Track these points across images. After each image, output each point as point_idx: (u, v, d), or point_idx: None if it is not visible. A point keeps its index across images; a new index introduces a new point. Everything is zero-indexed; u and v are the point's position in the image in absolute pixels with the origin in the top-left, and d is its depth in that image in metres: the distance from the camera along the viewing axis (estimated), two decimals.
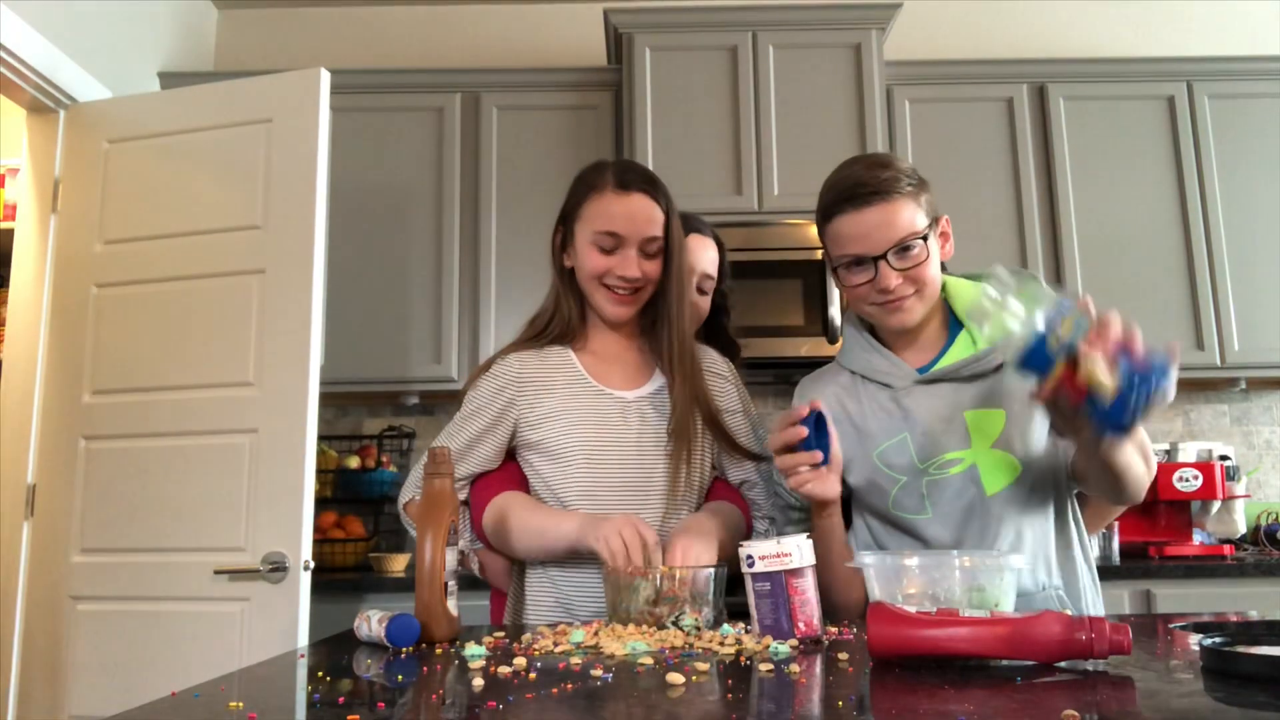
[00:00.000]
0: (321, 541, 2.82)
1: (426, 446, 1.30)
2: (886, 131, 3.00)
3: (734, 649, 1.02)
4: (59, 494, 2.41)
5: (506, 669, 0.93)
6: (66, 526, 2.38)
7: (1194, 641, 1.02)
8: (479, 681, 0.87)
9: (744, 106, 2.99)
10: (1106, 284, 2.99)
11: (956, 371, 1.34)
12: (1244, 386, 3.15)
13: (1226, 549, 2.79)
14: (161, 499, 2.32)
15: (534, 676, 0.89)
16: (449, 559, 1.17)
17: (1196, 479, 2.78)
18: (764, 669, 0.91)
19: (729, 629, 1.13)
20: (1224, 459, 2.88)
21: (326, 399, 2.78)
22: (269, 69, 2.77)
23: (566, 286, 1.53)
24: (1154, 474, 1.40)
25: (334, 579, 2.63)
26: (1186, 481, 2.77)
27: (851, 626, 1.19)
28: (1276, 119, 3.09)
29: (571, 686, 0.85)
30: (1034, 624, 0.87)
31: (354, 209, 3.01)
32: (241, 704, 0.79)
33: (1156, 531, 2.86)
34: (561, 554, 1.40)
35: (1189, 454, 2.88)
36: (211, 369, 2.35)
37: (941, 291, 1.40)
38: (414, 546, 1.38)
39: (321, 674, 0.96)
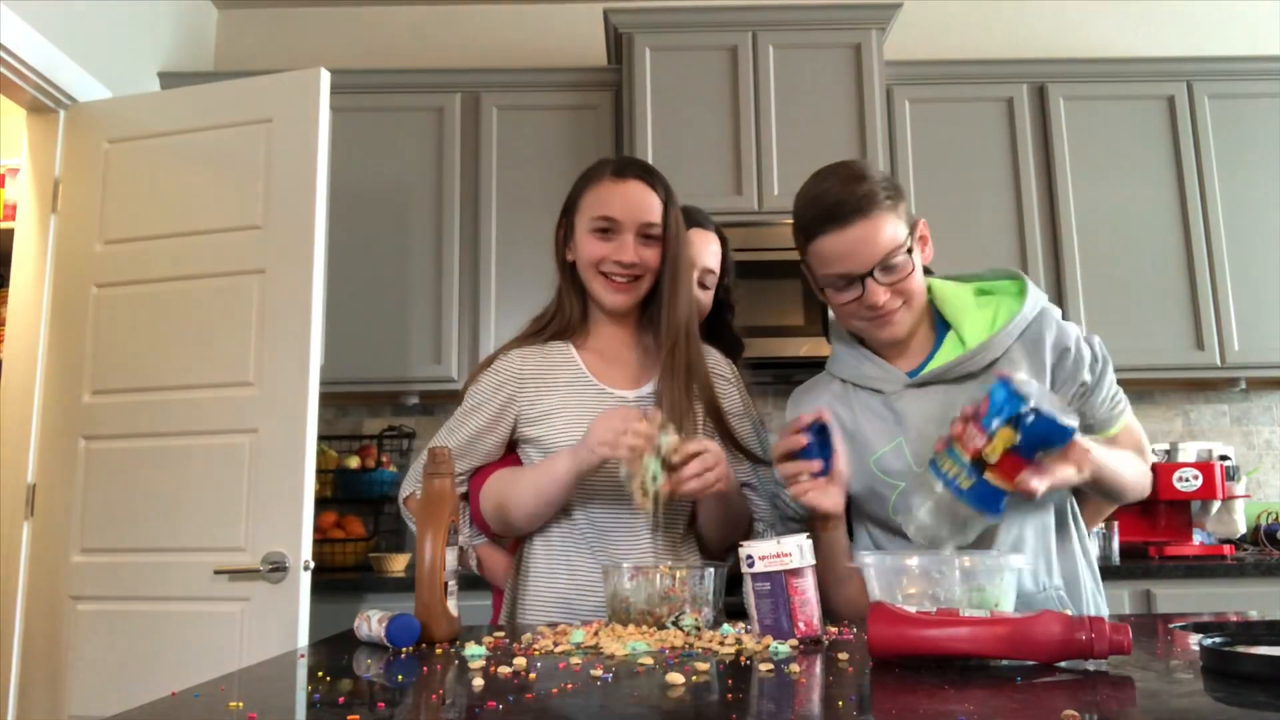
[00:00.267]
0: (321, 541, 2.82)
1: (426, 446, 1.30)
2: (886, 131, 3.00)
3: (734, 649, 1.02)
4: (59, 494, 2.41)
5: (506, 669, 0.93)
6: (66, 526, 2.38)
7: (1194, 641, 1.02)
8: (479, 681, 0.87)
9: (744, 106, 2.99)
10: (1106, 284, 2.99)
11: (946, 373, 1.34)
12: (1244, 386, 3.15)
13: (1226, 549, 2.79)
14: (161, 499, 2.32)
15: (534, 676, 0.89)
16: (449, 559, 1.17)
17: (1196, 479, 2.77)
18: (764, 669, 0.91)
19: (729, 629, 1.13)
20: (1224, 459, 2.88)
21: (326, 399, 2.78)
22: (269, 69, 2.77)
23: (569, 281, 1.54)
24: (1149, 468, 1.41)
25: (334, 579, 2.63)
26: (1186, 481, 2.77)
27: (851, 626, 1.19)
28: (1276, 119, 3.09)
29: (571, 686, 0.85)
30: (1034, 624, 0.87)
31: (354, 209, 3.01)
32: (241, 704, 0.79)
33: (1156, 531, 2.86)
34: (566, 496, 1.39)
35: (1189, 454, 2.88)
36: (211, 369, 2.35)
37: (927, 294, 1.40)
38: (414, 546, 1.38)
39: (321, 674, 0.96)
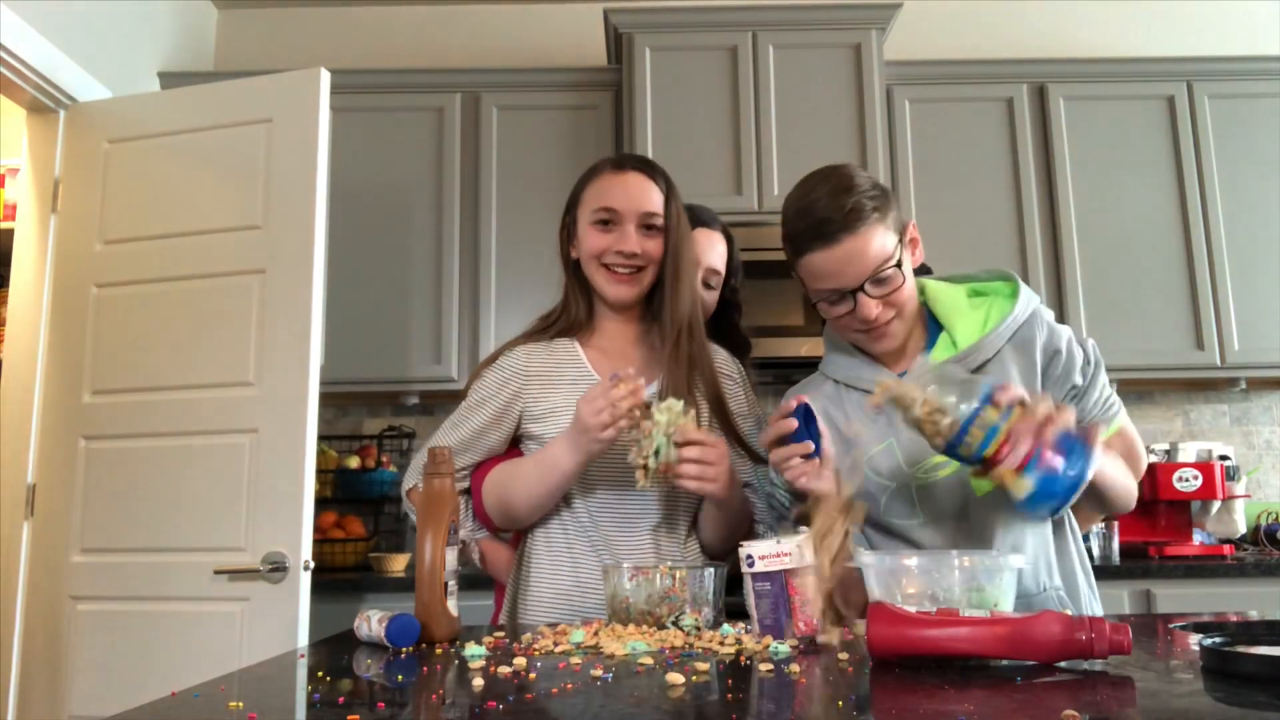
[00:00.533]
0: (321, 541, 2.82)
1: (424, 446, 1.30)
2: (886, 131, 3.00)
3: (734, 649, 1.02)
4: (59, 494, 2.41)
5: (506, 669, 0.93)
6: (66, 526, 2.38)
7: (1194, 641, 1.02)
8: (479, 681, 0.87)
9: (744, 106, 2.99)
10: (1106, 284, 2.99)
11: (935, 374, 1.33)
12: (1244, 386, 3.15)
13: (1226, 549, 2.79)
14: (161, 499, 2.32)
15: (534, 676, 0.89)
16: (449, 559, 1.17)
17: (1196, 479, 2.77)
18: (764, 669, 0.91)
19: (729, 629, 1.13)
20: (1224, 459, 2.88)
21: (326, 399, 2.78)
22: (269, 69, 2.76)
23: (574, 278, 1.54)
24: (1136, 483, 1.40)
25: (334, 579, 2.63)
26: (1186, 481, 2.77)
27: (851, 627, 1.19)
28: (1276, 119, 3.09)
29: (571, 686, 0.85)
30: (1034, 624, 0.87)
31: (354, 209, 3.01)
32: (241, 704, 0.79)
33: (1156, 531, 2.86)
34: (569, 486, 1.41)
35: (1189, 454, 2.88)
36: (211, 369, 2.35)
37: (920, 295, 1.40)
38: (414, 546, 1.38)
39: (321, 674, 0.96)
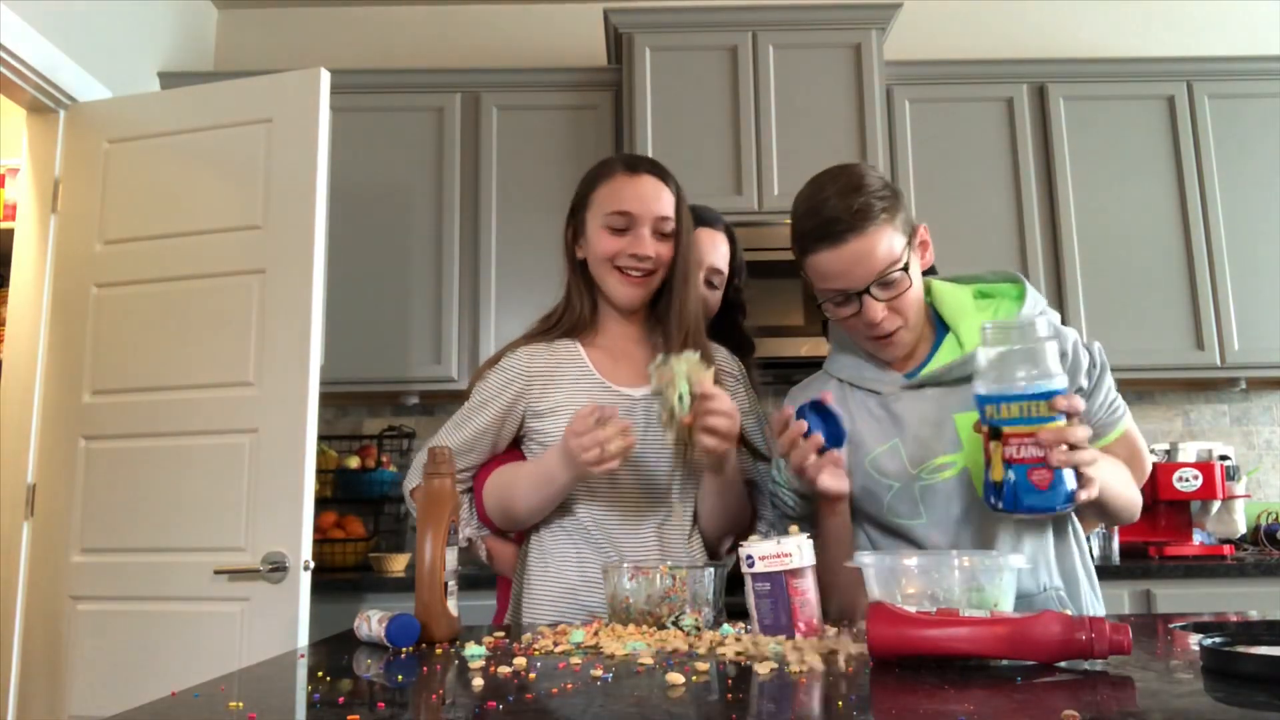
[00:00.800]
0: (321, 541, 2.82)
1: (425, 445, 1.30)
2: (886, 131, 3.00)
3: (734, 649, 1.02)
4: (59, 494, 2.41)
5: (506, 669, 0.93)
6: (66, 526, 2.38)
7: (1194, 641, 1.02)
8: (479, 681, 0.87)
9: (744, 106, 2.99)
10: (1106, 284, 2.99)
11: (944, 375, 1.33)
12: (1244, 386, 3.15)
13: (1226, 549, 2.79)
14: (161, 499, 2.32)
15: (534, 676, 0.89)
16: (449, 559, 1.17)
17: (1196, 479, 2.77)
18: (764, 669, 0.91)
19: (729, 629, 1.13)
20: (1224, 459, 2.88)
21: (326, 399, 2.78)
22: (269, 69, 2.76)
23: (578, 279, 1.54)
24: (1144, 480, 1.40)
25: (334, 579, 2.63)
26: (1186, 481, 2.77)
27: (852, 627, 1.19)
28: (1276, 119, 3.09)
29: (571, 686, 0.85)
30: (1034, 624, 0.87)
31: (354, 209, 3.01)
32: (241, 704, 0.79)
33: (1156, 531, 2.86)
34: (565, 495, 1.42)
35: (1189, 454, 2.88)
36: (211, 369, 2.35)
37: (926, 295, 1.39)
38: (414, 546, 1.38)
39: (321, 674, 0.96)
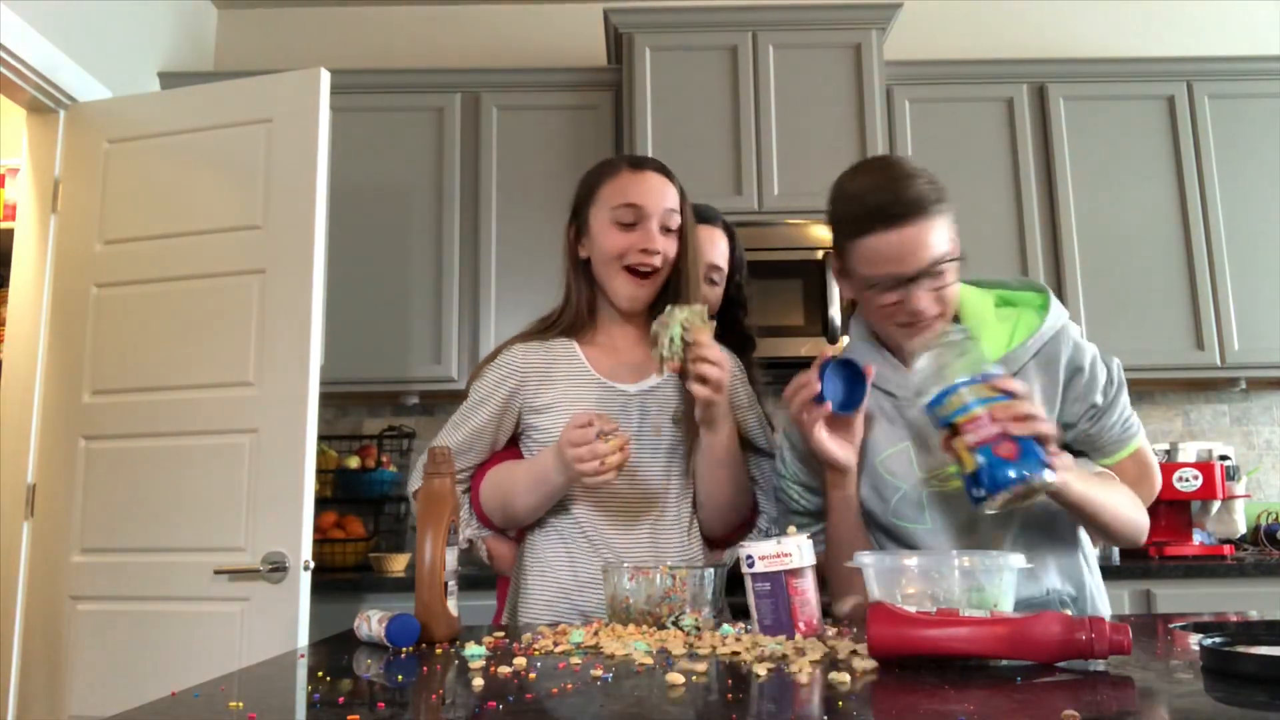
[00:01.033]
0: (321, 541, 2.82)
1: (426, 446, 1.30)
2: (886, 131, 3.00)
3: (734, 649, 1.02)
4: (59, 494, 2.41)
5: (506, 669, 0.93)
6: (66, 526, 2.38)
7: (1194, 641, 1.02)
8: (479, 681, 0.87)
9: (744, 106, 2.99)
10: (1106, 284, 2.99)
11: None
12: (1244, 386, 3.15)
13: (1226, 549, 2.78)
14: (161, 499, 2.32)
15: (534, 676, 0.89)
16: (449, 559, 1.17)
17: (1196, 479, 2.77)
18: (764, 669, 0.91)
19: (729, 629, 1.13)
20: (1224, 459, 2.88)
21: (326, 399, 2.78)
22: (269, 69, 2.76)
23: (579, 278, 1.53)
24: (1152, 499, 1.38)
25: (334, 579, 2.63)
26: (1186, 481, 2.77)
27: (851, 627, 1.19)
28: (1276, 119, 3.09)
29: (571, 686, 0.85)
30: (1034, 624, 0.87)
31: (354, 209, 3.00)
32: (241, 704, 0.79)
33: (1156, 531, 2.85)
34: (561, 495, 1.42)
35: (1189, 454, 2.88)
36: (211, 369, 2.35)
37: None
38: (414, 546, 1.38)
39: (321, 674, 0.96)
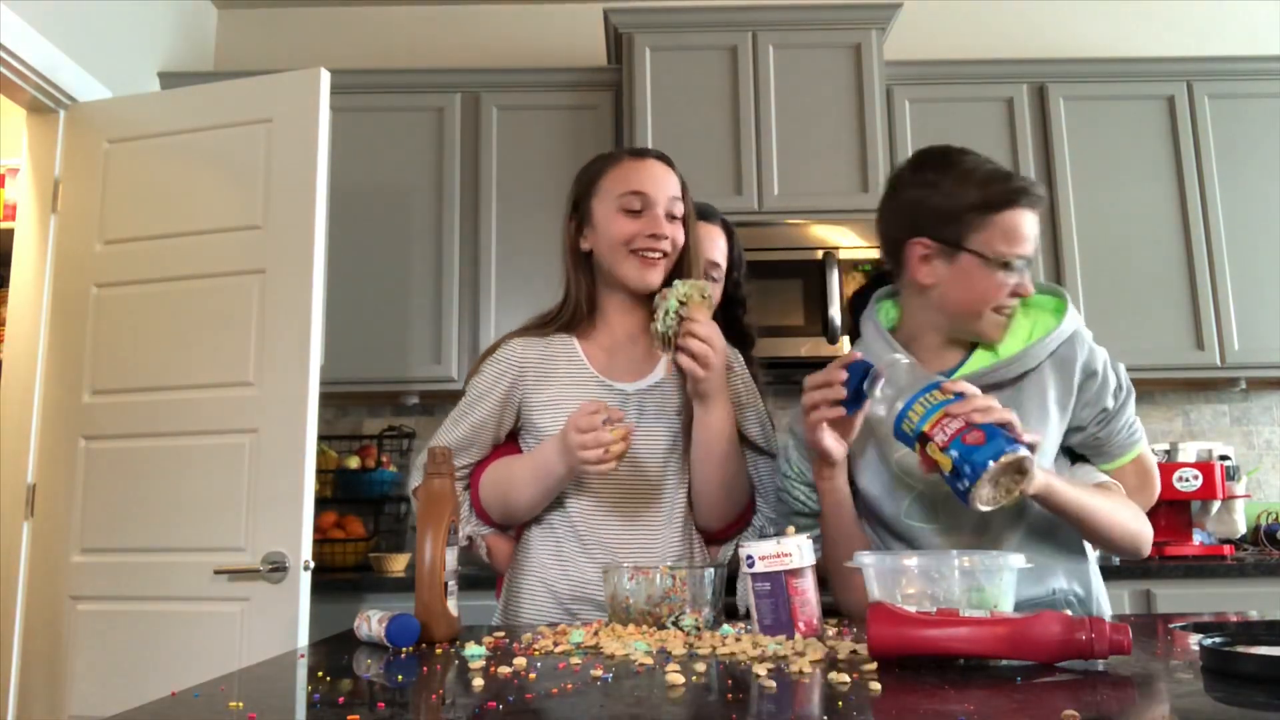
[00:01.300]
0: (321, 541, 2.82)
1: (426, 446, 1.30)
2: (886, 131, 3.00)
3: (734, 649, 1.02)
4: (59, 494, 2.41)
5: (506, 669, 0.93)
6: (66, 526, 2.38)
7: (1194, 641, 1.02)
8: (479, 681, 0.87)
9: (744, 106, 2.99)
10: (1106, 284, 2.99)
11: (976, 380, 1.28)
12: (1244, 386, 3.15)
13: (1226, 549, 2.78)
14: (161, 499, 2.32)
15: (534, 676, 0.89)
16: (449, 559, 1.17)
17: (1196, 479, 2.77)
18: (764, 669, 0.91)
19: (729, 629, 1.13)
20: (1224, 459, 2.88)
21: (326, 399, 2.78)
22: (269, 69, 2.76)
23: (579, 272, 1.52)
24: (1151, 504, 1.39)
25: (334, 579, 2.63)
26: (1186, 481, 2.77)
27: (851, 627, 1.19)
28: (1276, 119, 3.09)
29: (571, 686, 0.85)
30: (1034, 624, 0.87)
31: (354, 209, 3.00)
32: (241, 704, 0.79)
33: (1156, 531, 2.80)
34: (561, 488, 1.42)
35: (1189, 454, 2.87)
36: (211, 369, 2.35)
37: None
38: (414, 546, 1.38)
39: (321, 674, 0.96)
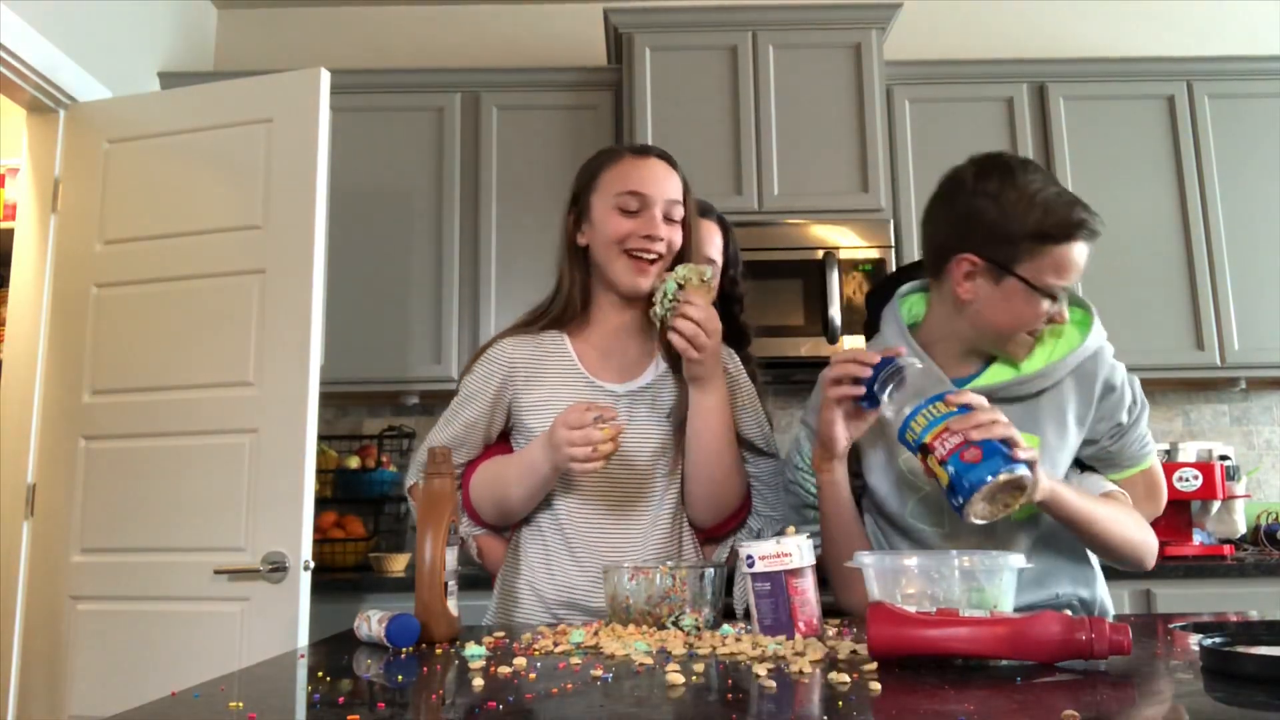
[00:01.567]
0: (321, 541, 2.82)
1: (422, 446, 1.30)
2: (886, 131, 3.00)
3: (734, 649, 1.02)
4: (59, 494, 2.41)
5: (506, 669, 0.93)
6: (66, 526, 2.38)
7: (1194, 641, 1.02)
8: (479, 681, 0.87)
9: (744, 106, 2.99)
10: (1106, 284, 2.98)
11: (994, 393, 1.28)
12: (1244, 386, 3.15)
13: (1226, 549, 2.78)
14: (161, 499, 2.32)
15: (534, 676, 0.89)
16: (449, 559, 1.17)
17: (1196, 479, 2.77)
18: (764, 669, 0.91)
19: (729, 629, 1.13)
20: (1224, 459, 2.88)
21: (326, 399, 2.78)
22: (269, 69, 2.76)
23: (574, 267, 1.50)
24: (1157, 514, 1.39)
25: (334, 579, 2.62)
26: (1186, 481, 2.77)
27: (851, 627, 1.19)
28: (1276, 119, 3.09)
29: (571, 686, 0.85)
30: (1034, 624, 0.87)
31: (354, 209, 3.00)
32: (241, 704, 0.79)
33: (1157, 531, 2.81)
34: (550, 485, 1.41)
35: (1189, 454, 2.87)
36: (211, 369, 2.35)
37: None
38: (414, 546, 1.38)
39: (321, 674, 0.96)
